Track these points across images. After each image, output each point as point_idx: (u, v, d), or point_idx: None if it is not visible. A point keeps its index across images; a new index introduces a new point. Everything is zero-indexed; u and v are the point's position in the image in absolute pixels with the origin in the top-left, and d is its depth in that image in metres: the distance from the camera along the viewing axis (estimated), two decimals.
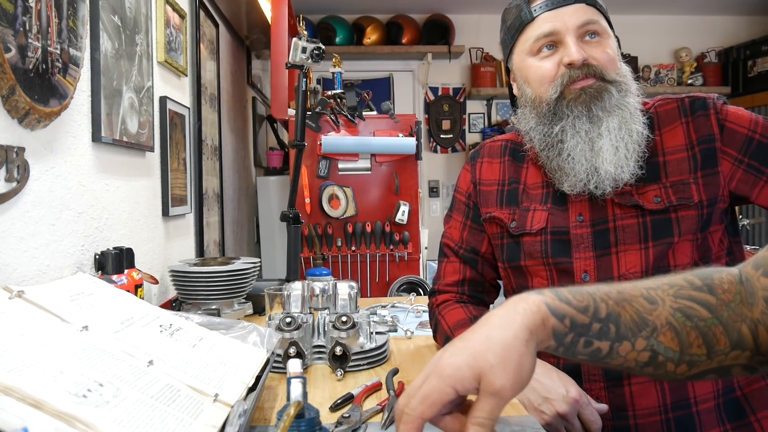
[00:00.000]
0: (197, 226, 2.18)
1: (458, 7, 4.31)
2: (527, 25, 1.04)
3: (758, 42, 4.36)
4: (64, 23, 1.11)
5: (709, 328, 0.64)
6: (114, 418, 0.60)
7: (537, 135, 1.08)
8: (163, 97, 1.76)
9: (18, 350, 0.63)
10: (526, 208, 1.12)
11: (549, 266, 1.08)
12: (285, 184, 3.09)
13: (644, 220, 1.02)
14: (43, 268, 1.09)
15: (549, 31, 1.02)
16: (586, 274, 1.04)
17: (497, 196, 1.17)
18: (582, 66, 1.00)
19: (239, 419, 0.73)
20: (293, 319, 1.13)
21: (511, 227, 1.12)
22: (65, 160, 1.17)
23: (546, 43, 1.03)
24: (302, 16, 2.62)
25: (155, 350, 0.80)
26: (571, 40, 1.00)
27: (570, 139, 1.03)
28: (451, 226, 1.25)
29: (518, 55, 1.08)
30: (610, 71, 1.01)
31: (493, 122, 4.55)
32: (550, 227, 1.08)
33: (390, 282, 2.58)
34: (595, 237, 1.04)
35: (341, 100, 2.69)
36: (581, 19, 1.00)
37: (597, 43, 1.02)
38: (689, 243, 1.00)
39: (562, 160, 1.04)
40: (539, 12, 1.03)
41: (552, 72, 1.03)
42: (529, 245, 1.10)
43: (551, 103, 1.03)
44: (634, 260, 1.01)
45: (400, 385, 1.02)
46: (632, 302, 0.64)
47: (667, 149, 1.04)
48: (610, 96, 1.01)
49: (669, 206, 1.01)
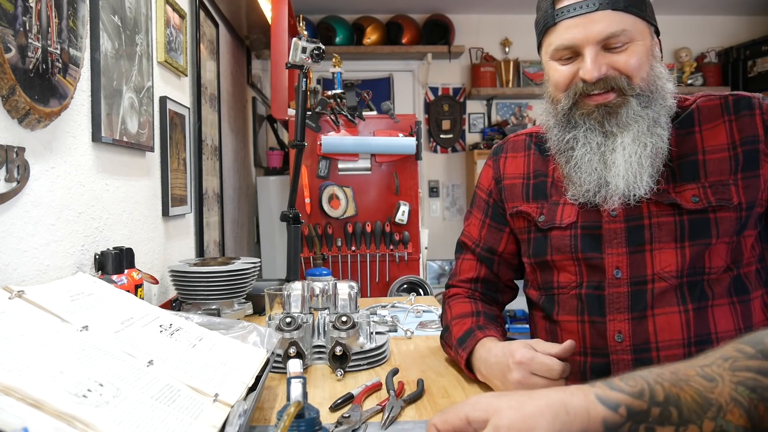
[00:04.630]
0: (197, 226, 2.18)
1: (458, 7, 4.31)
2: (550, 28, 1.01)
3: (758, 42, 4.36)
4: (64, 23, 1.11)
5: None
6: (114, 418, 0.60)
7: (553, 137, 1.07)
8: (163, 97, 1.76)
9: (18, 350, 0.63)
10: (555, 202, 1.09)
11: (578, 261, 1.06)
12: (285, 184, 3.09)
13: (681, 219, 0.99)
14: (43, 268, 1.09)
15: (568, 44, 0.98)
16: (618, 271, 1.01)
17: (523, 190, 1.15)
18: (598, 81, 0.97)
19: (239, 419, 0.73)
20: (293, 319, 1.13)
21: (540, 221, 1.10)
22: (65, 160, 1.17)
23: (566, 54, 1.00)
24: (302, 16, 2.62)
25: (155, 350, 0.80)
26: (590, 54, 0.96)
27: (579, 149, 1.01)
28: (470, 223, 1.24)
29: (544, 53, 1.06)
30: (635, 81, 0.97)
31: (493, 122, 4.55)
32: (581, 221, 1.05)
33: (390, 282, 2.57)
34: (628, 233, 1.02)
35: (341, 100, 2.69)
36: (605, 31, 0.95)
37: (623, 50, 0.96)
38: (725, 245, 0.98)
39: (570, 169, 1.04)
40: (561, 17, 0.98)
41: (567, 80, 1.00)
42: (558, 240, 1.07)
43: (565, 110, 1.02)
44: (670, 259, 0.99)
45: (400, 385, 1.02)
46: (689, 382, 0.61)
47: (707, 148, 1.01)
48: (628, 110, 0.97)
49: (708, 206, 0.98)
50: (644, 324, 0.99)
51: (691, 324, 0.98)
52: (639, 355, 0.99)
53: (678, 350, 0.98)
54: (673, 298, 0.99)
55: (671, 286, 0.99)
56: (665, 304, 0.99)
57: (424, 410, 0.94)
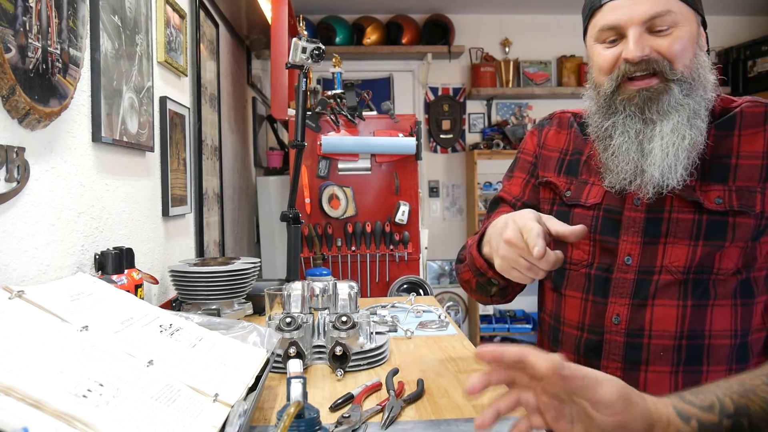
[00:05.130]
0: (197, 226, 2.18)
1: (458, 7, 4.31)
2: (596, 10, 1.03)
3: (758, 42, 4.36)
4: (64, 23, 1.11)
5: None
6: (114, 419, 0.60)
7: (593, 123, 1.08)
8: (163, 97, 1.76)
9: (18, 350, 0.63)
10: (584, 181, 1.12)
11: (594, 242, 1.08)
12: (285, 184, 3.09)
13: (700, 218, 1.00)
14: (43, 268, 1.09)
15: (613, 24, 0.99)
16: (629, 258, 1.04)
17: (557, 164, 1.17)
18: (641, 62, 0.97)
19: (239, 419, 0.73)
20: (293, 319, 1.13)
21: (566, 196, 1.13)
22: (65, 160, 1.17)
23: (610, 36, 1.01)
24: (302, 16, 2.62)
25: (155, 350, 0.80)
26: (633, 35, 0.97)
27: (618, 137, 1.02)
28: (511, 183, 1.24)
29: (589, 38, 1.07)
30: (677, 66, 0.98)
31: (493, 122, 4.55)
32: (605, 204, 1.08)
33: (390, 282, 2.57)
34: (647, 224, 1.03)
35: (341, 100, 2.69)
36: (649, 12, 0.96)
37: (667, 34, 0.97)
38: (738, 250, 0.99)
39: (607, 157, 1.05)
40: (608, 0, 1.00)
41: (611, 63, 1.01)
42: (580, 218, 1.09)
43: (607, 95, 1.03)
44: (681, 255, 1.00)
45: (400, 385, 1.02)
46: (756, 392, 0.64)
47: (742, 153, 1.01)
48: (669, 97, 0.98)
49: (729, 210, 0.99)
50: (642, 312, 1.02)
51: (687, 319, 1.00)
52: (631, 339, 1.02)
53: (668, 341, 1.00)
54: (675, 292, 1.01)
55: (676, 280, 1.01)
56: (666, 296, 1.01)
57: (424, 410, 0.94)
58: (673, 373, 1.00)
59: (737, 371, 0.92)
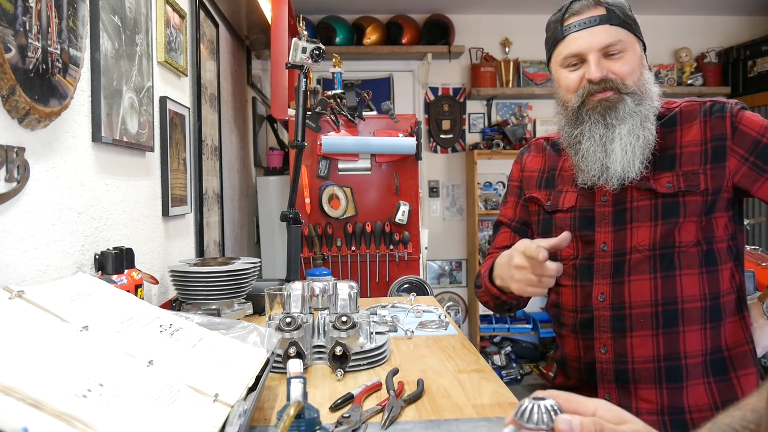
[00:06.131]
0: (197, 226, 2.18)
1: (458, 7, 4.31)
2: (559, 41, 1.23)
3: (758, 42, 4.36)
4: (64, 23, 1.11)
5: None
6: (114, 419, 0.60)
7: (564, 134, 1.27)
8: (163, 97, 1.76)
9: (18, 350, 0.63)
10: (560, 190, 1.32)
11: (576, 238, 1.26)
12: (285, 184, 3.09)
13: (656, 202, 1.19)
14: (43, 268, 1.09)
15: (576, 52, 1.20)
16: (604, 245, 1.22)
17: (537, 181, 1.38)
18: (600, 81, 1.18)
19: (239, 419, 0.73)
20: (293, 319, 1.13)
21: (547, 205, 1.33)
22: (65, 160, 1.17)
23: (573, 61, 1.21)
24: (302, 16, 2.62)
25: (155, 350, 0.80)
26: (593, 59, 1.18)
27: (585, 142, 1.21)
28: (506, 207, 1.46)
29: (554, 64, 1.27)
30: (628, 83, 1.18)
31: (493, 122, 4.55)
32: (579, 206, 1.27)
33: (390, 282, 2.58)
34: (615, 215, 1.22)
35: (341, 100, 2.69)
36: (605, 41, 1.17)
37: (618, 58, 1.18)
38: (693, 224, 1.16)
39: (578, 159, 1.24)
40: (569, 32, 1.21)
41: (576, 83, 1.21)
42: (561, 220, 1.29)
43: (574, 109, 1.22)
44: (645, 235, 1.18)
45: (400, 385, 1.02)
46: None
47: (684, 143, 1.20)
48: (624, 105, 1.18)
49: (678, 191, 1.17)
50: (621, 288, 1.20)
51: (659, 289, 1.17)
52: (615, 312, 1.20)
53: (647, 309, 1.18)
54: (646, 267, 1.18)
55: (645, 257, 1.18)
56: (639, 272, 1.19)
57: (424, 410, 0.94)
58: (654, 335, 1.17)
59: (711, 329, 1.15)
